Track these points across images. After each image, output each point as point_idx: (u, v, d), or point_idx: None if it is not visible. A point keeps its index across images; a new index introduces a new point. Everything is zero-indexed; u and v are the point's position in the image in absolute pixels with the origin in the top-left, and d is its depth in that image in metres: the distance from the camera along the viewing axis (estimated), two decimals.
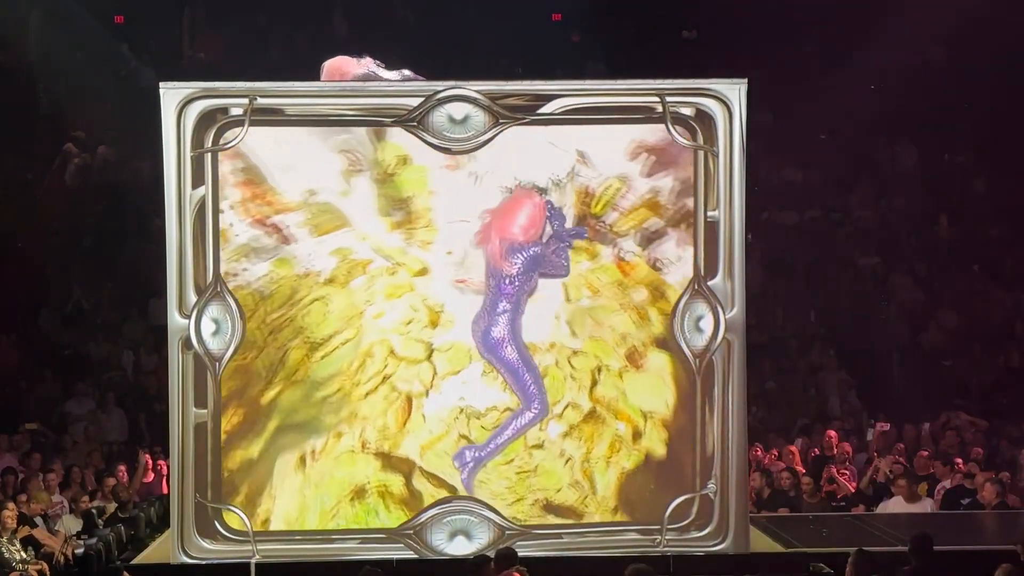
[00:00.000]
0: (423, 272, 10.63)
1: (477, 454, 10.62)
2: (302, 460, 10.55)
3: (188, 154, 10.35)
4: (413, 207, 10.57)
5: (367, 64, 10.75)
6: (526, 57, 19.57)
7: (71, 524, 13.75)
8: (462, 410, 10.69)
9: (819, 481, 14.46)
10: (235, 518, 10.51)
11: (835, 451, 15.47)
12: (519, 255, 10.55)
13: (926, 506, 13.61)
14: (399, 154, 10.54)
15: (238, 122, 10.41)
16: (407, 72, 10.80)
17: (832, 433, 16.06)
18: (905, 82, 20.92)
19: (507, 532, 10.61)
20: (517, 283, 10.55)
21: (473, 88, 10.57)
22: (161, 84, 10.45)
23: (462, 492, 10.63)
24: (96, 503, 14.22)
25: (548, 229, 10.58)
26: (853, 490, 14.37)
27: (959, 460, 14.77)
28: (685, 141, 10.57)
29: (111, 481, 14.58)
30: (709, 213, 10.61)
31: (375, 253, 10.54)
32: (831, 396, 18.23)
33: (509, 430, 10.65)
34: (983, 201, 21.21)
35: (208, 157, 10.40)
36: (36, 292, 19.60)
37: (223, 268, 10.43)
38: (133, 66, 21.24)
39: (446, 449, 10.66)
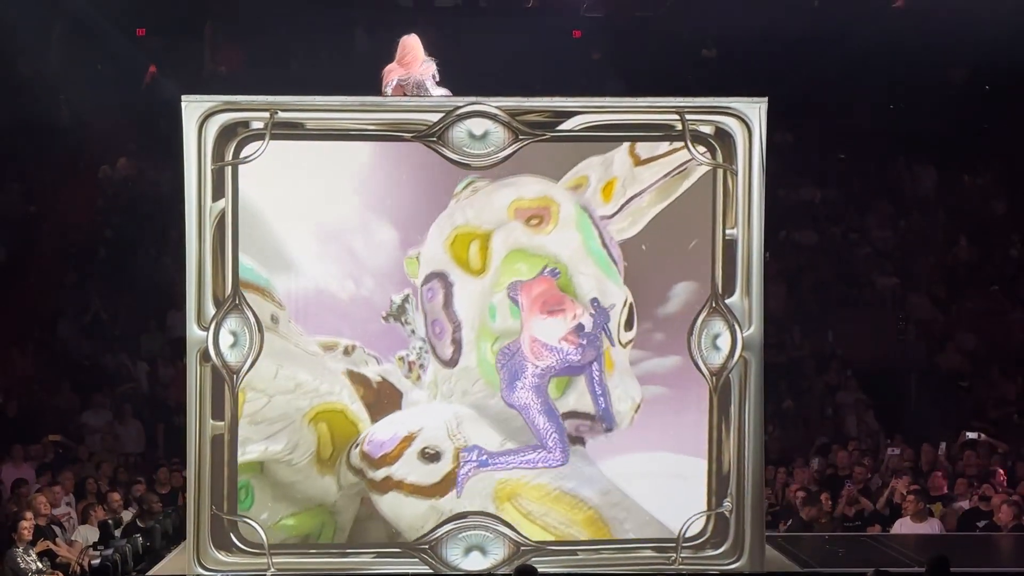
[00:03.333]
0: None
1: (485, 458, 10.59)
2: None
3: (209, 167, 10.37)
4: None
5: (429, 70, 10.76)
6: (546, 74, 19.64)
7: (88, 535, 13.80)
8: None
9: (835, 500, 14.47)
10: (251, 530, 10.52)
11: (849, 471, 15.46)
12: (553, 357, 10.61)
13: (933, 526, 13.59)
14: None
15: (259, 135, 10.44)
16: (446, 91, 10.82)
17: (846, 453, 16.06)
18: (924, 102, 20.94)
19: (522, 548, 10.59)
20: (541, 371, 10.63)
21: (493, 104, 10.56)
22: (183, 97, 10.48)
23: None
24: (111, 515, 14.29)
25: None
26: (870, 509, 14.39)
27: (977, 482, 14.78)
28: (705, 159, 10.58)
29: (139, 488, 14.73)
30: (727, 231, 10.60)
31: None
32: (848, 416, 18.22)
33: (520, 457, 10.63)
34: (1002, 222, 21.19)
35: (228, 170, 10.42)
36: (54, 303, 19.68)
37: None
38: (154, 78, 21.35)
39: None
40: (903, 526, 13.57)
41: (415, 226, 10.51)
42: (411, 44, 10.83)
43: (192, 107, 10.42)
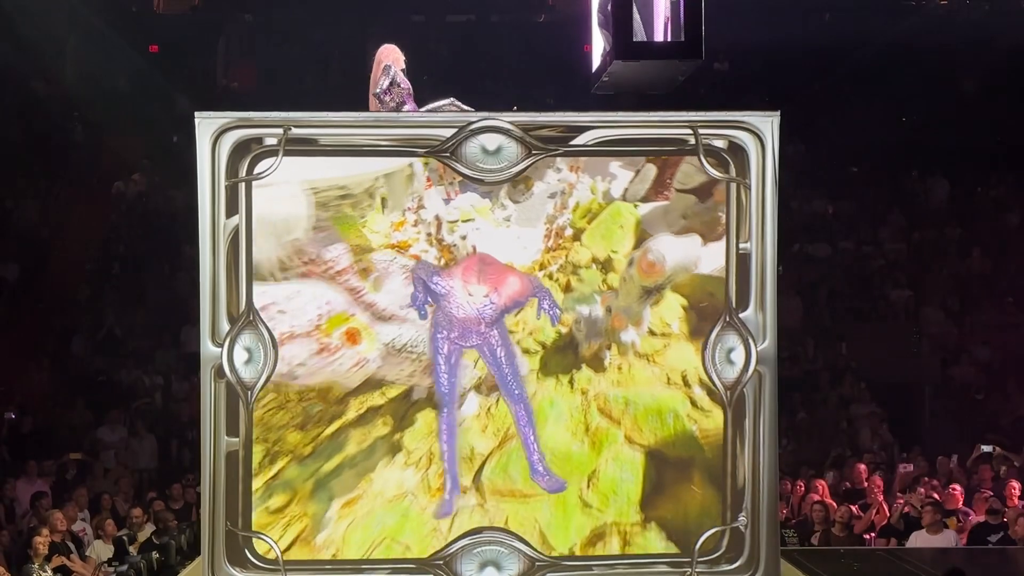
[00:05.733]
0: None
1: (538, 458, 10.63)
2: None
3: (222, 183, 10.38)
4: None
5: (385, 82, 10.76)
6: (558, 88, 19.67)
7: (102, 551, 13.82)
8: None
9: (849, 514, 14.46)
10: (266, 547, 10.52)
11: (865, 484, 15.44)
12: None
13: (949, 538, 13.55)
14: None
15: (272, 152, 10.45)
16: (445, 102, 10.81)
17: (862, 466, 16.04)
18: (937, 114, 20.93)
19: (537, 563, 10.57)
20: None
21: (506, 119, 10.56)
22: (196, 113, 10.49)
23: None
24: (125, 531, 14.31)
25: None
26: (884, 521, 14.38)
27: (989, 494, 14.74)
28: (718, 173, 10.58)
29: (157, 505, 14.76)
30: (741, 245, 10.57)
31: None
32: (863, 429, 18.19)
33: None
34: (1016, 234, 21.16)
35: (242, 186, 10.42)
36: (68, 319, 19.73)
37: None
38: (168, 95, 21.42)
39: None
40: (919, 539, 13.55)
41: None
42: (375, 61, 10.92)
43: (205, 123, 10.41)
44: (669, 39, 10.31)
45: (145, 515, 14.74)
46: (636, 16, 10.37)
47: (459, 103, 10.71)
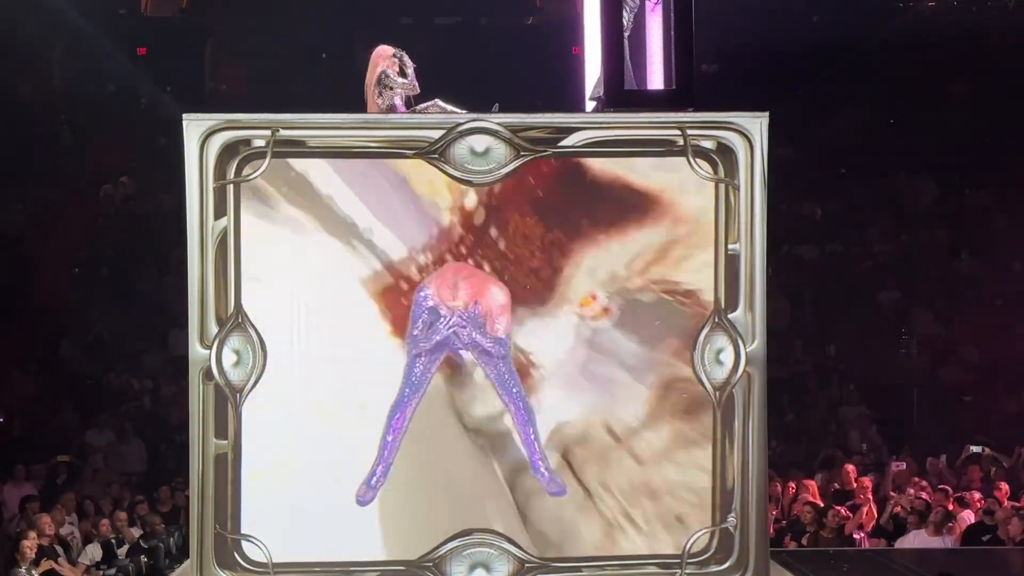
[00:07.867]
0: None
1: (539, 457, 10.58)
2: None
3: (210, 185, 10.38)
4: None
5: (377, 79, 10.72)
6: (547, 90, 19.66)
7: (92, 553, 13.80)
8: None
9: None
10: (254, 549, 10.50)
11: (854, 485, 15.45)
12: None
13: (945, 540, 13.56)
14: None
15: (260, 154, 10.44)
16: (429, 104, 10.80)
17: (850, 467, 16.05)
18: (925, 117, 20.95)
19: (527, 565, 10.57)
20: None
21: (495, 120, 10.57)
22: (184, 115, 10.48)
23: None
24: (115, 535, 14.29)
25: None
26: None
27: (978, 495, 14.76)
28: (706, 174, 10.58)
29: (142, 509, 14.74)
30: (730, 246, 10.59)
31: None
32: (851, 430, 18.21)
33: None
34: (1004, 236, 21.19)
35: (230, 188, 10.43)
36: (56, 322, 19.68)
37: None
38: (155, 97, 21.39)
39: None
40: (908, 539, 13.55)
41: None
42: (369, 62, 10.87)
43: (193, 126, 10.41)
44: (661, 87, 10.45)
45: (133, 518, 14.72)
46: (628, 64, 10.48)
47: (442, 104, 10.71)
